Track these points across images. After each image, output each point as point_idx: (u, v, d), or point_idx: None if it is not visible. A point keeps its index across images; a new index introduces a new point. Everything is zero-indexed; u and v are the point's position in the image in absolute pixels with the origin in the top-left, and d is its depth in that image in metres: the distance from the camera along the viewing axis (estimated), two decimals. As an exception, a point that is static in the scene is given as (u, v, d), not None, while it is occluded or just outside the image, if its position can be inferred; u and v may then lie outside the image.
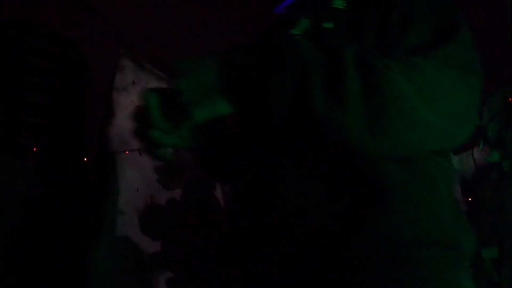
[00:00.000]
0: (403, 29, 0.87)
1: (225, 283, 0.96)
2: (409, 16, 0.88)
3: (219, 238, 3.35)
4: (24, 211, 2.30)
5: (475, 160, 4.50)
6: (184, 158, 3.30)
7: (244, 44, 0.85)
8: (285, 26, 1.05)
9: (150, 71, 3.26)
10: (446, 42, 0.86)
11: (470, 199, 5.68)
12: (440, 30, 0.87)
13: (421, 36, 0.86)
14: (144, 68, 3.22)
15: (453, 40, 0.87)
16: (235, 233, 0.94)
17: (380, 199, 0.80)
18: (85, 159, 2.81)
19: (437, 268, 0.82)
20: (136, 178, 2.87)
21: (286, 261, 0.80)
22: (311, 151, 0.86)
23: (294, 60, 0.78)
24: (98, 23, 3.07)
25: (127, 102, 2.98)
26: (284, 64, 0.77)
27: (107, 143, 2.78)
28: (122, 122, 2.90)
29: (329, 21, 0.94)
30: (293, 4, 1.10)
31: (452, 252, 0.87)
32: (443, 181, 0.90)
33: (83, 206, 2.62)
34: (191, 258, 3.06)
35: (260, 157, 0.92)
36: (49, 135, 2.50)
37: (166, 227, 3.03)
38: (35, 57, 2.55)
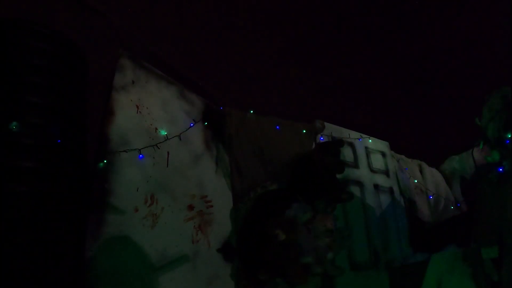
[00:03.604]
0: None
1: None
2: None
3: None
4: (24, 210, 2.30)
5: (475, 160, 4.51)
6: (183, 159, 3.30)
7: None
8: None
9: (149, 70, 3.26)
10: None
11: (470, 199, 5.67)
12: None
13: None
14: (144, 68, 3.21)
15: None
16: None
17: None
18: (85, 159, 2.81)
19: None
20: (136, 178, 2.87)
21: None
22: None
23: None
24: (98, 23, 3.07)
25: (126, 101, 2.98)
26: None
27: (107, 143, 2.78)
28: (122, 122, 2.90)
29: None
30: None
31: None
32: None
33: (83, 206, 2.62)
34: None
35: None
36: (49, 135, 2.50)
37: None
38: (35, 57, 2.55)
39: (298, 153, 4.07)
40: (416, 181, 5.66)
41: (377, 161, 5.06)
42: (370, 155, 4.99)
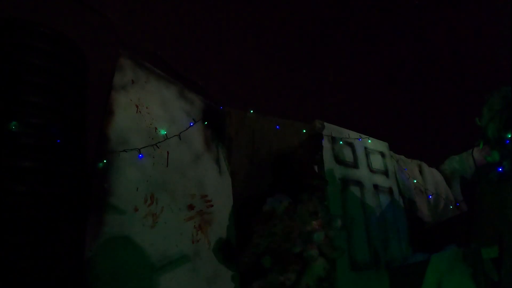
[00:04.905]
0: None
1: None
2: None
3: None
4: (24, 210, 2.30)
5: (475, 160, 4.51)
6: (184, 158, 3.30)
7: None
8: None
9: (149, 70, 3.25)
10: None
11: (470, 199, 5.66)
12: None
13: None
14: (144, 67, 3.21)
15: None
16: None
17: None
18: (85, 159, 2.81)
19: None
20: (135, 177, 2.87)
21: None
22: None
23: None
24: (98, 23, 3.07)
25: (126, 101, 2.98)
26: None
27: (106, 143, 2.78)
28: (122, 121, 2.90)
29: None
30: None
31: None
32: None
33: (83, 206, 2.62)
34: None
35: None
36: (49, 135, 2.50)
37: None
38: (35, 57, 2.55)
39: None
40: (415, 181, 5.66)
41: (377, 161, 5.06)
42: (369, 155, 4.99)
